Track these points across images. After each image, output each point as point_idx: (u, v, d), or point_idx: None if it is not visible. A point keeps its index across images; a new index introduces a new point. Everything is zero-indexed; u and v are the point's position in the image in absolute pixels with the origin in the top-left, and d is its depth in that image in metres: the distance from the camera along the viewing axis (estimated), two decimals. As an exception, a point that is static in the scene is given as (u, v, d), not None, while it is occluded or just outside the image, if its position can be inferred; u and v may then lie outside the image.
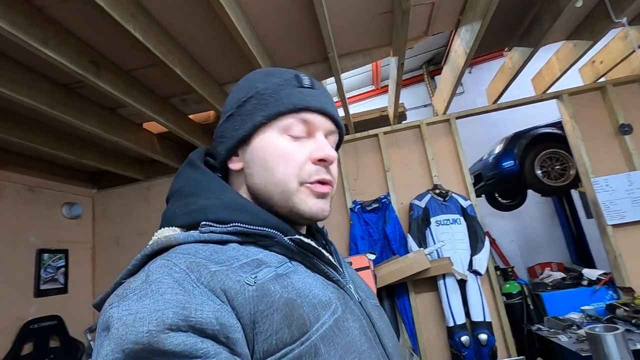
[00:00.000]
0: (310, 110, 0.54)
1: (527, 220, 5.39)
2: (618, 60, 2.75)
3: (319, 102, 0.55)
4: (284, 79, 0.55)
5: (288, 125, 0.53)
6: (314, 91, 0.56)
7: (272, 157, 0.53)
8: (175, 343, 0.34)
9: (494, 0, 1.78)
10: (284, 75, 0.56)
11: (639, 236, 2.65)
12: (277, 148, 0.53)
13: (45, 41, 1.58)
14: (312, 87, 0.56)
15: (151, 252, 0.46)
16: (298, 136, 0.54)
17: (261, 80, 0.55)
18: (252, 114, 0.54)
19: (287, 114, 0.53)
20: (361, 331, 0.48)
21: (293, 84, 0.55)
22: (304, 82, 0.56)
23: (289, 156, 0.53)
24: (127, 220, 3.44)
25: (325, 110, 0.55)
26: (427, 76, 5.99)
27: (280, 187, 0.52)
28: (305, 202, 0.52)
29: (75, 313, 3.05)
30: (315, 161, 0.53)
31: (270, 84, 0.55)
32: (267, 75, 0.56)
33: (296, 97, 0.54)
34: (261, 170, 0.53)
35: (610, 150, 2.83)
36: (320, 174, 0.53)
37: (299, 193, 0.52)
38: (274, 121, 0.53)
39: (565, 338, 2.24)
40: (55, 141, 2.55)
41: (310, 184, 0.52)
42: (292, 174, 0.52)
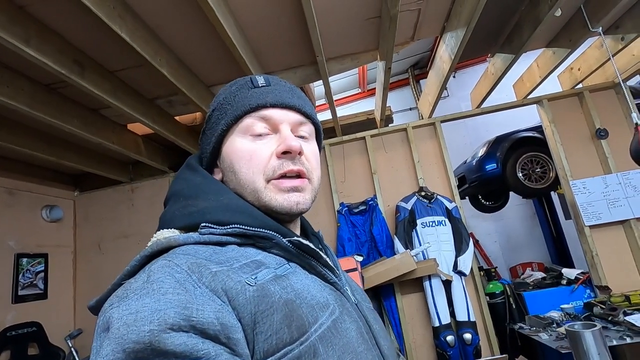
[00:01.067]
0: (266, 107, 0.54)
1: (509, 221, 5.53)
2: (594, 68, 2.86)
3: (274, 96, 0.55)
4: (239, 85, 0.57)
5: (247, 125, 0.54)
6: (269, 88, 0.56)
7: (236, 160, 0.54)
8: (177, 343, 0.34)
9: (478, 8, 1.83)
10: (240, 81, 0.58)
11: (614, 237, 2.77)
12: (239, 150, 0.54)
13: (27, 40, 1.54)
14: (268, 84, 0.57)
15: (151, 253, 0.46)
16: (260, 134, 0.54)
17: (223, 92, 0.59)
18: (216, 124, 0.57)
19: (244, 116, 0.54)
20: (358, 332, 0.49)
21: (247, 86, 0.56)
22: (258, 82, 0.57)
23: (251, 155, 0.53)
24: (110, 224, 3.37)
25: (284, 103, 0.55)
26: (413, 80, 6.09)
27: (248, 187, 0.53)
28: (275, 199, 0.52)
29: (55, 319, 2.96)
30: (280, 155, 0.53)
31: (228, 93, 0.57)
32: (229, 86, 0.59)
33: (250, 98, 0.55)
34: (231, 175, 0.55)
35: (587, 154, 2.94)
36: (285, 166, 0.53)
37: (266, 190, 0.52)
38: (234, 126, 0.55)
39: (546, 336, 2.31)
40: (35, 142, 2.48)
41: (276, 180, 0.53)
42: (256, 172, 0.53)
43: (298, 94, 0.59)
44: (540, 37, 2.65)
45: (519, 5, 2.27)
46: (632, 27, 2.41)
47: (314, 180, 0.57)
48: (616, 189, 2.78)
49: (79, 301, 3.23)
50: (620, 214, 2.74)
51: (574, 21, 2.43)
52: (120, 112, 2.42)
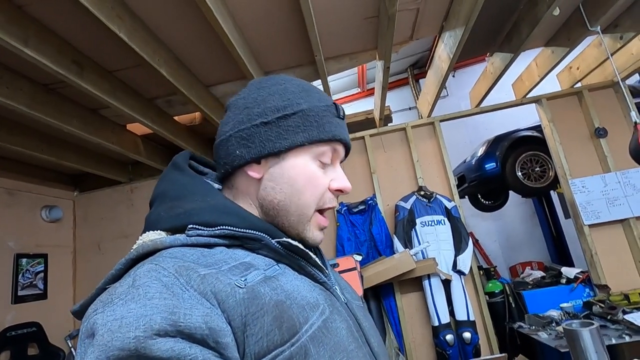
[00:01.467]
0: (341, 142, 0.58)
1: (509, 220, 5.53)
2: (593, 67, 2.86)
3: (347, 135, 0.59)
4: (325, 104, 0.56)
5: (323, 152, 0.55)
6: (344, 123, 0.59)
7: (302, 180, 0.54)
8: (163, 349, 0.34)
9: (477, 7, 1.84)
10: (324, 99, 0.57)
11: (613, 235, 2.77)
12: (309, 172, 0.54)
13: (25, 40, 1.54)
14: (344, 118, 0.59)
15: (136, 256, 0.45)
16: (326, 164, 0.56)
17: (303, 98, 0.55)
18: (294, 132, 0.53)
19: (325, 143, 0.56)
20: (348, 331, 0.49)
21: (332, 112, 0.57)
22: (340, 113, 0.58)
23: (317, 182, 0.55)
24: (110, 224, 3.37)
25: (349, 145, 0.60)
26: (412, 79, 6.09)
27: (300, 209, 0.54)
28: (312, 232, 0.55)
29: (55, 319, 2.97)
30: (334, 190, 0.57)
31: (314, 106, 0.55)
32: (307, 93, 0.56)
33: (335, 128, 0.56)
34: (287, 188, 0.54)
35: (586, 153, 2.94)
36: (333, 202, 0.57)
37: (311, 222, 0.55)
38: (312, 146, 0.55)
39: (545, 335, 2.31)
40: (35, 142, 2.48)
41: (320, 214, 0.56)
42: (314, 200, 0.55)
43: None
44: (539, 36, 2.65)
45: (518, 5, 2.27)
46: (631, 25, 2.42)
47: None
48: (615, 187, 2.78)
49: (79, 301, 3.21)
50: (619, 212, 2.74)
51: (572, 20, 2.43)
52: (119, 112, 2.42)
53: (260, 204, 0.56)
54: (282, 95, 0.55)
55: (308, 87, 0.58)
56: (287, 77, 0.59)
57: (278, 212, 0.54)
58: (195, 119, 2.93)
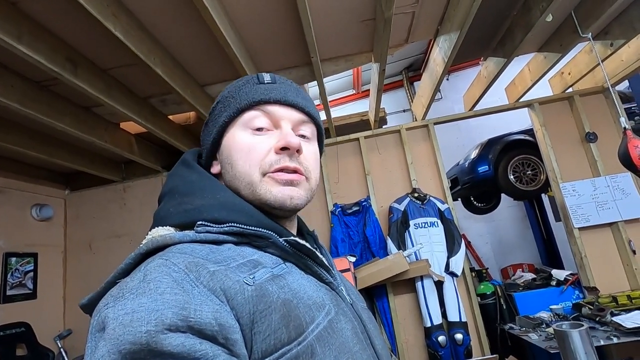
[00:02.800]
0: (270, 102, 0.55)
1: (500, 223, 5.59)
2: (584, 73, 2.91)
3: (278, 93, 0.56)
4: (245, 80, 0.58)
5: (249, 118, 0.55)
6: (274, 85, 0.57)
7: (235, 152, 0.54)
8: (174, 344, 0.34)
9: (471, 12, 1.86)
10: (246, 77, 0.59)
11: (602, 238, 2.81)
12: (238, 142, 0.54)
13: (19, 37, 1.52)
14: (273, 82, 0.57)
15: (146, 251, 0.45)
16: (261, 128, 0.55)
17: (228, 87, 0.59)
18: (218, 116, 0.57)
19: (247, 109, 0.55)
20: (353, 332, 0.49)
21: (253, 82, 0.57)
22: (264, 79, 0.57)
23: (250, 148, 0.53)
24: (102, 223, 3.33)
25: (287, 100, 0.56)
26: (407, 82, 6.13)
27: (244, 179, 0.53)
28: (269, 192, 0.52)
29: (44, 319, 2.92)
30: (278, 150, 0.53)
31: (233, 87, 0.58)
32: (236, 82, 0.59)
33: (254, 92, 0.55)
34: (228, 167, 0.55)
35: (577, 157, 2.99)
36: (282, 162, 0.53)
37: (262, 183, 0.52)
38: (236, 118, 0.55)
39: (536, 336, 2.34)
40: (26, 140, 2.45)
41: (272, 173, 0.52)
42: (253, 165, 0.53)
43: (303, 95, 0.60)
44: (532, 42, 2.69)
45: (512, 10, 2.30)
46: (621, 33, 2.46)
47: (312, 179, 0.57)
48: (604, 191, 2.83)
49: (69, 301, 3.19)
50: (608, 216, 2.79)
51: (564, 26, 2.47)
52: (113, 111, 2.40)
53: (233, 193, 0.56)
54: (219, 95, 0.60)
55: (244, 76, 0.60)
56: None
57: (236, 189, 0.54)
58: (190, 118, 2.92)
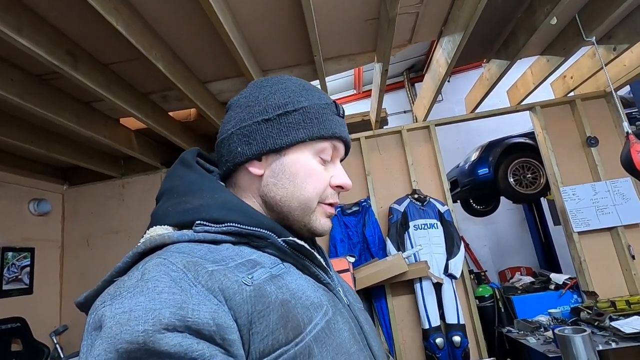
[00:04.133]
0: (341, 140, 0.59)
1: (499, 226, 5.59)
2: (586, 77, 2.91)
3: (346, 133, 0.61)
4: (325, 102, 0.58)
5: (323, 149, 0.57)
6: (343, 121, 0.61)
7: (303, 175, 0.55)
8: (171, 344, 0.34)
9: (476, 13, 1.85)
10: (324, 98, 0.59)
11: (602, 243, 2.81)
12: (310, 168, 0.56)
13: (19, 29, 1.51)
14: (344, 117, 0.61)
15: (144, 250, 0.45)
16: (326, 160, 0.58)
17: (304, 96, 0.57)
18: (295, 129, 0.54)
19: (326, 139, 0.57)
20: (350, 333, 0.49)
21: (332, 110, 0.58)
22: (340, 112, 0.60)
23: (319, 178, 0.56)
24: (100, 219, 3.32)
25: (349, 143, 0.62)
26: (408, 83, 6.12)
27: (303, 203, 0.55)
28: (318, 221, 0.56)
29: (40, 315, 2.91)
30: (334, 186, 0.58)
31: (314, 104, 0.56)
32: (307, 92, 0.58)
33: (335, 125, 0.57)
34: (289, 184, 0.55)
35: (578, 161, 2.99)
36: (335, 197, 0.59)
37: (316, 212, 0.56)
38: (313, 142, 0.56)
39: (534, 340, 2.33)
40: (24, 134, 2.43)
41: (325, 205, 0.57)
42: (316, 194, 0.56)
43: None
44: (535, 45, 2.68)
45: (516, 13, 2.30)
46: (625, 37, 2.46)
47: None
48: (605, 196, 2.83)
49: (65, 297, 3.17)
50: (608, 221, 2.78)
51: (568, 30, 2.46)
52: (113, 106, 2.38)
53: (263, 201, 0.56)
54: (283, 93, 0.56)
55: (308, 86, 0.60)
56: (287, 76, 0.61)
57: (281, 208, 0.55)
58: (191, 115, 2.90)
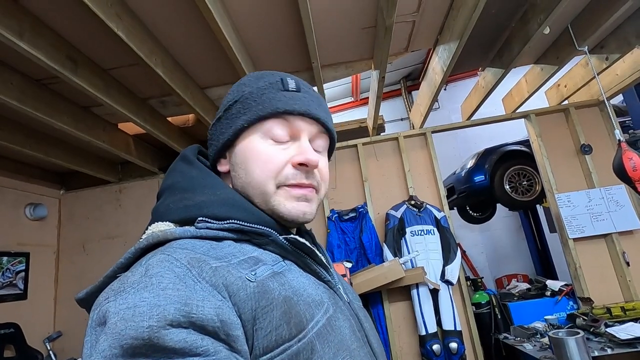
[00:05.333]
0: (292, 114, 0.53)
1: (496, 233, 5.61)
2: (580, 85, 2.96)
3: (302, 105, 0.54)
4: (268, 82, 0.55)
5: (269, 128, 0.53)
6: (298, 94, 0.55)
7: (251, 160, 0.53)
8: (176, 340, 0.34)
9: (470, 22, 1.89)
10: (270, 78, 0.56)
11: (596, 250, 2.83)
12: (257, 151, 0.53)
13: (20, 33, 1.52)
14: (298, 90, 0.55)
15: (146, 246, 0.45)
16: (281, 140, 0.54)
17: (248, 84, 0.56)
18: (236, 117, 0.54)
19: (269, 118, 0.53)
20: (351, 330, 0.49)
21: (277, 87, 0.55)
22: (289, 85, 0.55)
23: (267, 159, 0.52)
24: (96, 224, 3.30)
25: (310, 113, 0.54)
26: (405, 91, 6.18)
27: (258, 188, 0.52)
28: (283, 205, 0.52)
29: (34, 321, 2.88)
30: (296, 165, 0.53)
31: (255, 87, 0.55)
32: (256, 79, 0.57)
33: (278, 101, 0.53)
34: (242, 173, 0.54)
35: (572, 168, 3.02)
36: (298, 178, 0.53)
37: (276, 195, 0.52)
38: (256, 125, 0.54)
39: (530, 346, 2.33)
40: (22, 138, 2.43)
41: (288, 187, 0.52)
42: (269, 177, 0.52)
43: (324, 106, 0.59)
44: (529, 54, 2.73)
45: (510, 22, 2.34)
46: (616, 47, 2.51)
47: (321, 192, 0.57)
48: (599, 203, 2.86)
49: (60, 303, 3.14)
50: (602, 227, 2.81)
51: (561, 39, 2.51)
52: (112, 111, 2.39)
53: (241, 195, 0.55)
54: (234, 89, 0.58)
55: (262, 73, 0.58)
56: (255, 72, 0.59)
57: (247, 196, 0.54)
58: (189, 120, 2.92)
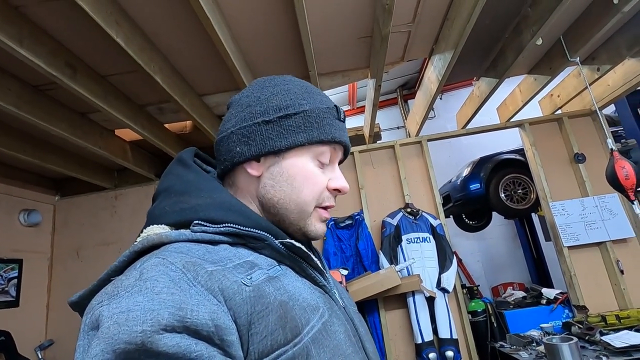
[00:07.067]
0: (340, 144, 0.59)
1: (491, 241, 5.62)
2: (572, 95, 3.00)
3: (346, 138, 0.60)
4: (326, 106, 0.57)
5: (322, 153, 0.57)
6: (344, 125, 0.60)
7: (301, 178, 0.55)
8: (170, 344, 0.33)
9: (465, 33, 1.92)
10: (326, 101, 0.58)
11: (591, 258, 2.85)
12: (308, 171, 0.56)
13: (20, 40, 1.53)
14: (344, 121, 0.61)
15: (141, 249, 0.44)
16: (324, 164, 0.58)
17: (305, 99, 0.56)
18: (295, 132, 0.54)
19: (325, 144, 0.57)
20: (346, 335, 0.50)
21: (333, 114, 0.58)
22: (341, 116, 0.60)
23: (316, 181, 0.56)
24: (91, 230, 3.28)
25: (349, 147, 0.61)
26: (401, 100, 6.24)
27: (300, 206, 0.55)
28: (314, 225, 0.57)
29: (26, 328, 2.83)
30: (332, 190, 0.58)
31: (315, 107, 0.56)
32: (309, 95, 0.57)
33: (335, 130, 0.57)
34: (286, 187, 0.55)
35: (566, 177, 3.05)
36: (331, 201, 0.59)
37: (312, 217, 0.56)
38: (312, 146, 0.56)
39: (526, 355, 2.33)
40: (18, 143, 2.43)
41: (321, 209, 0.57)
42: (314, 198, 0.56)
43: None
44: (523, 64, 2.78)
45: (504, 33, 2.39)
46: (607, 59, 2.56)
47: None
48: (593, 211, 2.88)
49: (53, 310, 3.10)
50: (596, 235, 2.83)
51: (554, 50, 2.56)
52: (109, 117, 2.39)
53: (260, 202, 0.56)
54: (285, 95, 0.56)
55: (311, 88, 0.59)
56: (290, 77, 0.60)
57: (278, 210, 0.55)
58: (186, 127, 2.93)
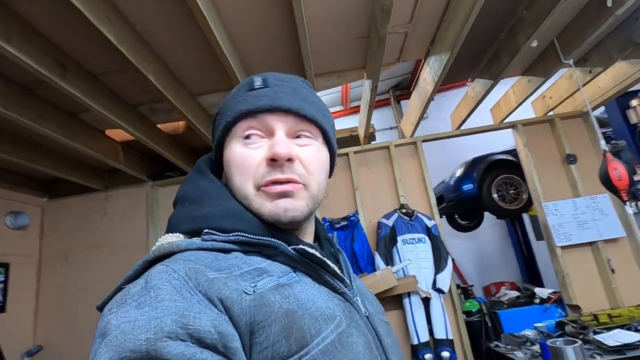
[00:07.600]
0: (258, 111, 0.51)
1: (483, 241, 5.67)
2: (564, 97, 3.04)
3: (268, 99, 0.51)
4: (239, 86, 0.55)
5: (240, 130, 0.52)
6: (265, 90, 0.52)
7: (231, 165, 0.53)
8: (174, 352, 0.33)
9: (462, 35, 1.93)
10: (242, 81, 0.56)
11: (583, 257, 2.89)
12: (233, 156, 0.53)
13: (8, 37, 1.48)
14: (265, 85, 0.53)
15: (153, 258, 0.45)
16: (254, 139, 0.52)
17: (231, 94, 0.57)
18: (216, 130, 0.56)
19: (238, 122, 0.52)
20: (366, 347, 0.46)
21: (245, 89, 0.53)
22: (255, 84, 0.53)
23: (242, 161, 0.51)
24: (81, 233, 3.20)
25: (275, 105, 0.51)
26: (394, 100, 6.25)
27: (240, 193, 0.51)
28: (264, 206, 0.50)
29: (12, 335, 2.75)
30: (268, 162, 0.50)
31: (229, 95, 0.55)
32: (238, 87, 0.57)
33: (243, 102, 0.52)
34: (230, 181, 0.54)
35: (558, 178, 3.09)
36: (273, 174, 0.49)
37: (255, 197, 0.50)
38: (231, 131, 0.53)
39: (521, 354, 2.35)
40: (5, 144, 2.35)
41: (264, 187, 0.50)
42: (246, 180, 0.51)
43: (303, 94, 0.55)
44: (517, 66, 2.80)
45: (499, 35, 2.40)
46: (599, 61, 2.60)
47: (312, 185, 0.52)
48: (585, 212, 2.92)
49: (41, 315, 3.01)
50: (588, 235, 2.87)
51: (548, 52, 2.58)
52: (100, 117, 2.34)
53: None
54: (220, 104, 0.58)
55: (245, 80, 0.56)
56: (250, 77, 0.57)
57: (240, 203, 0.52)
58: (179, 127, 2.88)
